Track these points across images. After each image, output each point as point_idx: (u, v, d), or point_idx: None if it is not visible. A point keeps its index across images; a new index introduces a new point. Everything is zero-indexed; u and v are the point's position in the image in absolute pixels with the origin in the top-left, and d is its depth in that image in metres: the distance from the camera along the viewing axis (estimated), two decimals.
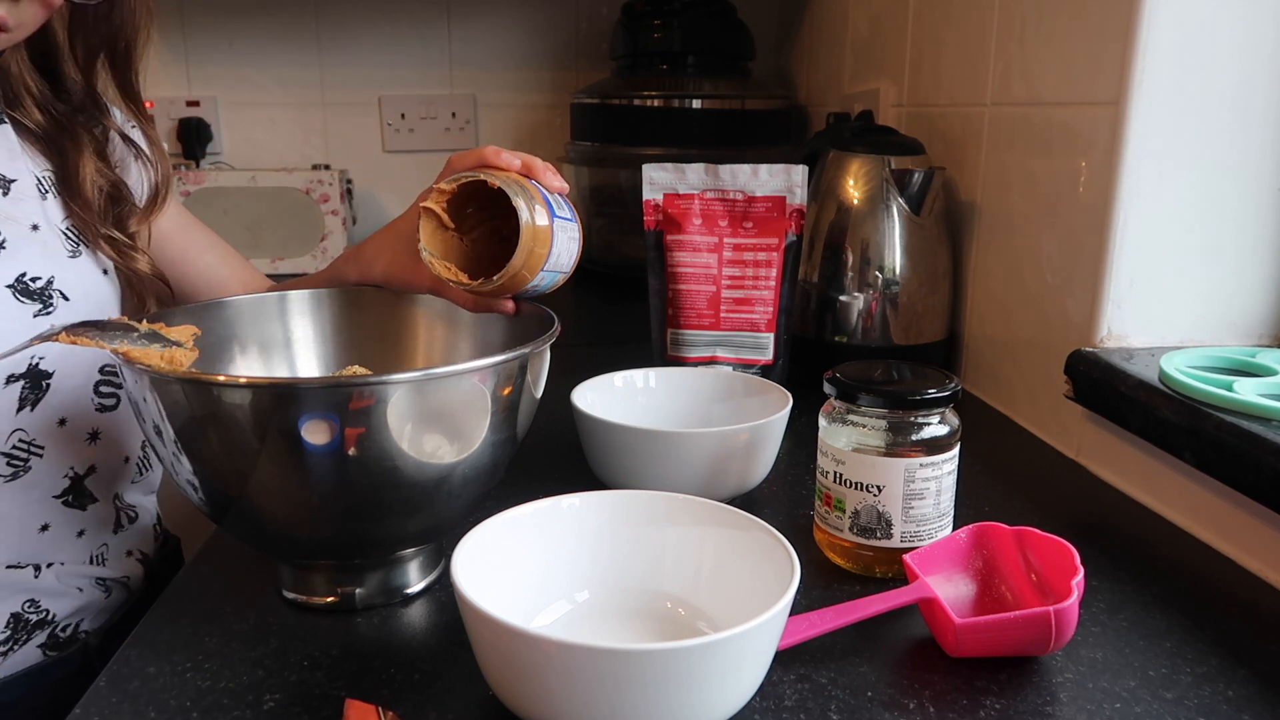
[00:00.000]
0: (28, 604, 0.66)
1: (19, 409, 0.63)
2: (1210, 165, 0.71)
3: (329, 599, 0.55)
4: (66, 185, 0.69)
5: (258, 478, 0.48)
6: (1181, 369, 0.66)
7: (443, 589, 0.57)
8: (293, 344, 0.67)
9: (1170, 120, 0.70)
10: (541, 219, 0.57)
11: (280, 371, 0.66)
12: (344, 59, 1.63)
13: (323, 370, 0.67)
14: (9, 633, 0.65)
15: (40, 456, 0.65)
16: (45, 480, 0.66)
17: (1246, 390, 0.61)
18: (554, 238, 0.58)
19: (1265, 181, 0.71)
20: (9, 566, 0.65)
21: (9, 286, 0.63)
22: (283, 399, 0.46)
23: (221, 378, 0.47)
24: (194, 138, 1.59)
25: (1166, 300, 0.74)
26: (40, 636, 0.67)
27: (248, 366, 0.64)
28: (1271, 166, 0.71)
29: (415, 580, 0.57)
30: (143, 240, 0.73)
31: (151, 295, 0.73)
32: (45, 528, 0.67)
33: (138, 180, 0.75)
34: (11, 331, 0.62)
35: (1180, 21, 0.68)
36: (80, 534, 0.69)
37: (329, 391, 0.46)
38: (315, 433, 0.46)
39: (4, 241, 0.63)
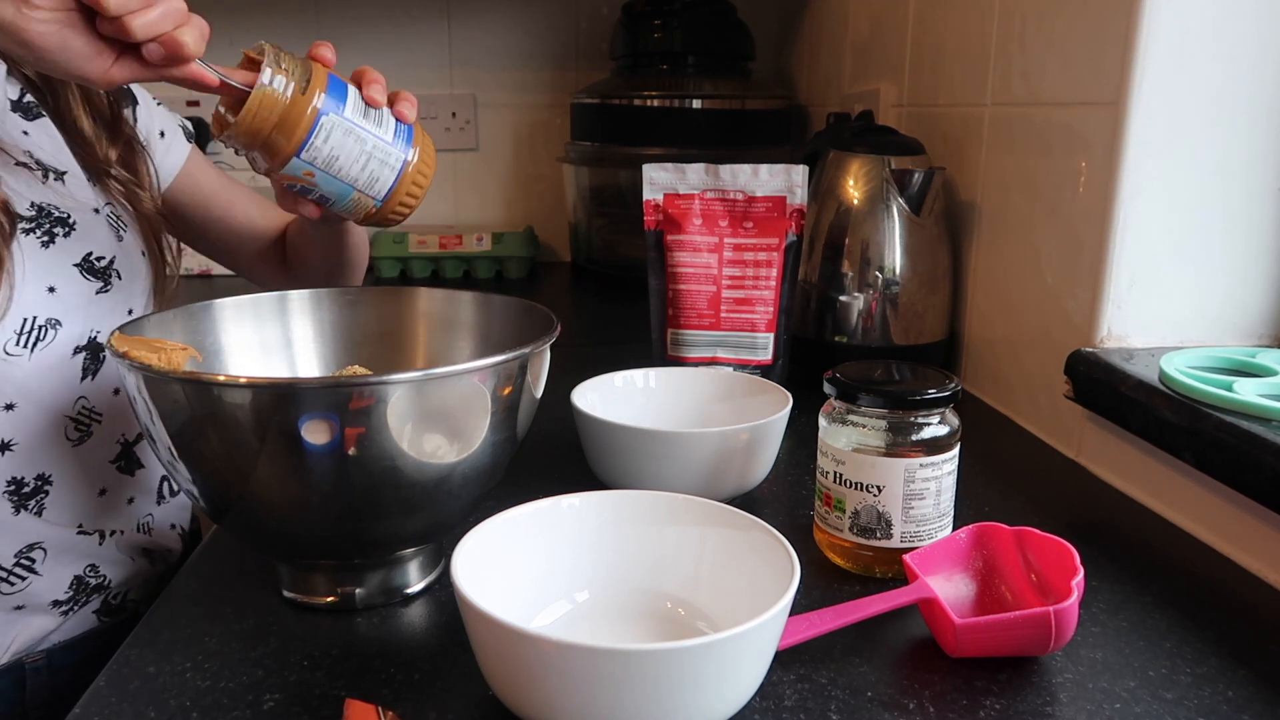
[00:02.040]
0: (89, 568, 0.70)
1: (83, 378, 0.67)
2: (1210, 165, 0.71)
3: (329, 599, 0.55)
4: (62, 121, 0.70)
5: (258, 478, 0.48)
6: (1181, 369, 0.66)
7: (443, 589, 0.57)
8: (292, 344, 0.67)
9: (1170, 120, 0.70)
10: (301, 96, 0.59)
11: (280, 372, 0.66)
12: (344, 59, 1.62)
13: (322, 370, 0.67)
14: (71, 594, 0.69)
15: (99, 423, 0.69)
16: (103, 446, 0.70)
17: (1246, 390, 0.61)
18: (320, 126, 0.60)
19: (1265, 181, 0.71)
20: (79, 532, 0.69)
21: (77, 265, 0.67)
22: (283, 399, 0.46)
23: (221, 378, 0.47)
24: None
25: (1166, 300, 0.74)
26: (96, 602, 0.71)
27: (247, 366, 0.64)
28: (1271, 166, 0.71)
29: (415, 580, 0.57)
30: (145, 179, 0.75)
31: (162, 244, 0.76)
32: (103, 492, 0.70)
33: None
34: (79, 307, 0.66)
35: (1180, 21, 0.68)
36: (130, 501, 0.73)
37: (329, 391, 0.46)
38: (315, 433, 0.46)
39: (75, 223, 0.67)
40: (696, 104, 1.41)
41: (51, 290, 0.65)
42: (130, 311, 0.71)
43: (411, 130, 0.65)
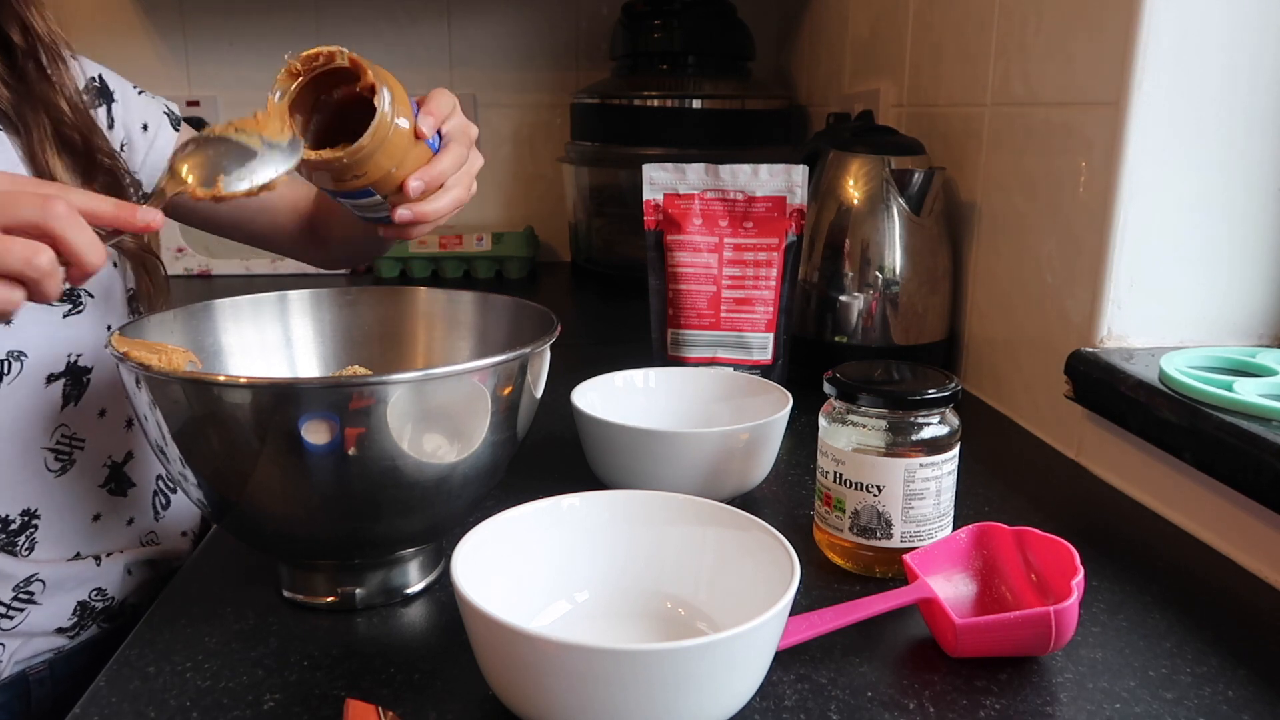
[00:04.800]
0: (94, 592, 0.69)
1: (63, 405, 0.66)
2: (1210, 165, 0.71)
3: (329, 599, 0.55)
4: (34, 162, 0.66)
5: (258, 478, 0.48)
6: (1181, 369, 0.66)
7: (443, 589, 0.57)
8: (292, 344, 0.67)
9: (1170, 120, 0.70)
10: (406, 130, 0.57)
11: (280, 372, 0.66)
12: None
13: (322, 370, 0.67)
14: (76, 619, 0.68)
15: (82, 449, 0.68)
16: (89, 472, 0.69)
17: (1246, 390, 0.61)
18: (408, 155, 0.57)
19: (1265, 181, 0.71)
20: (70, 559, 0.68)
21: None
22: (283, 399, 0.46)
23: (221, 378, 0.47)
24: None
25: (1166, 300, 0.74)
26: (102, 620, 0.71)
27: (247, 367, 0.64)
28: (1271, 166, 0.71)
29: (415, 580, 0.57)
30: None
31: (147, 272, 0.74)
32: (97, 517, 0.69)
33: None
34: (44, 335, 0.64)
35: (1180, 21, 0.68)
36: (130, 521, 0.72)
37: (329, 391, 0.46)
38: (315, 433, 0.46)
39: None
40: (696, 104, 1.41)
41: (8, 322, 0.62)
42: (109, 327, 0.69)
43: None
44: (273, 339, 0.66)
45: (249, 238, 0.90)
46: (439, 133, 0.61)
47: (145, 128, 0.78)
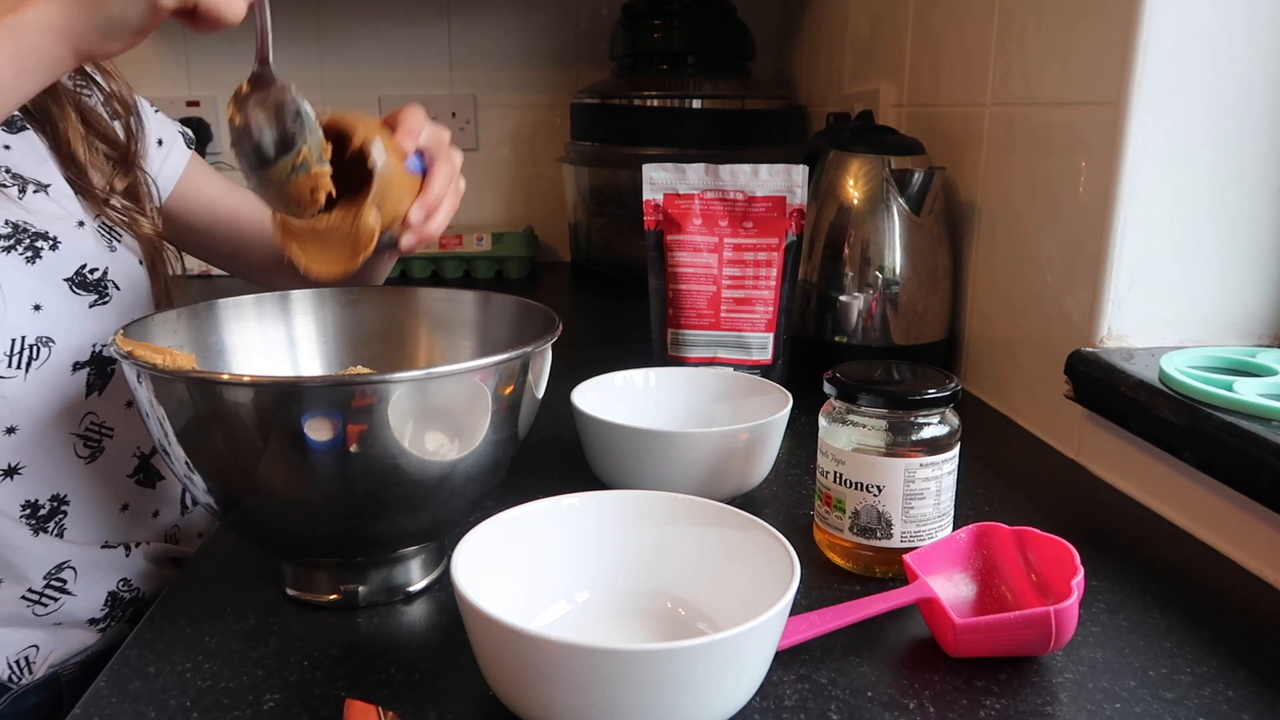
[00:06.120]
0: (122, 583, 0.70)
1: (88, 393, 0.66)
2: (1210, 165, 0.71)
3: (331, 596, 0.55)
4: (60, 153, 0.69)
5: (261, 476, 0.48)
6: (1181, 369, 0.66)
7: (444, 588, 0.57)
8: (295, 344, 0.67)
9: (1170, 120, 0.70)
10: (402, 168, 0.60)
11: (283, 371, 0.66)
12: (344, 59, 1.63)
13: (325, 370, 0.67)
14: (107, 610, 0.69)
15: (111, 437, 0.68)
16: (118, 460, 0.69)
17: (1246, 390, 0.61)
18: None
19: (1265, 182, 0.71)
20: (103, 546, 0.68)
21: (67, 280, 0.65)
22: (286, 397, 0.46)
23: (225, 376, 0.47)
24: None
25: (1166, 300, 0.74)
26: (130, 613, 0.71)
27: (251, 365, 0.64)
28: (1271, 166, 0.71)
29: (417, 578, 0.57)
30: (146, 204, 0.74)
31: (164, 263, 0.75)
32: (125, 507, 0.70)
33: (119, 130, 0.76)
34: (71, 324, 0.65)
35: (1180, 21, 0.68)
36: (155, 514, 0.73)
37: (332, 390, 0.46)
38: (318, 431, 0.46)
39: (57, 239, 0.65)
40: (696, 104, 1.41)
41: (38, 308, 0.63)
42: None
43: None
44: (276, 338, 0.66)
45: (245, 269, 0.91)
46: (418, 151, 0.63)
47: (160, 143, 0.80)
